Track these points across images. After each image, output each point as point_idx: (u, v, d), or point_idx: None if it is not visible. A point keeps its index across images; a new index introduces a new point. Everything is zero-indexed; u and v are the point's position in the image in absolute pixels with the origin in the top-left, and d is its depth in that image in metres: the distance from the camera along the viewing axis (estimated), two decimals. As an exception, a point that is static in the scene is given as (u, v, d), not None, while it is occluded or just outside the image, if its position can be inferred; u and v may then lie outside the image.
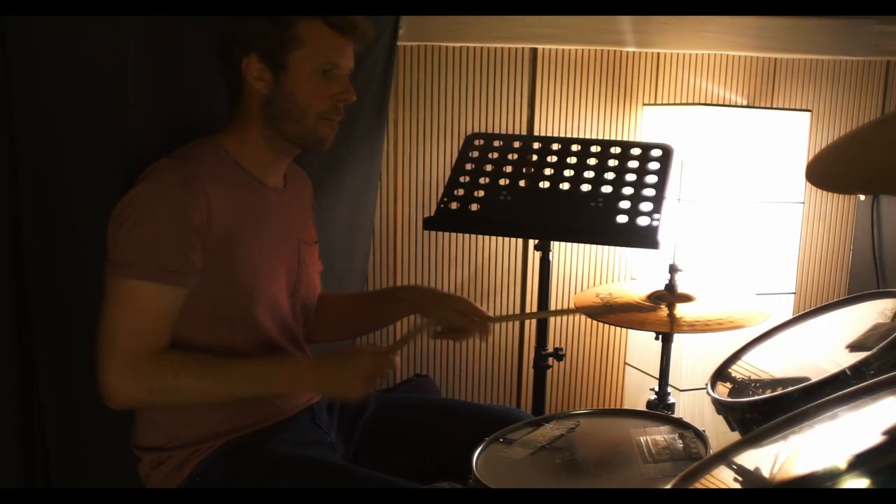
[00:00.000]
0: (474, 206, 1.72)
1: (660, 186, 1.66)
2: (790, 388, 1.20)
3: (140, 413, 1.40)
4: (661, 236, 1.60)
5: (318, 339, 1.62)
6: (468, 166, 1.78)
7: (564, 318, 2.45)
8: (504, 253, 2.35)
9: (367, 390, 1.34)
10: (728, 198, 2.20)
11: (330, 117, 1.41)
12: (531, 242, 1.91)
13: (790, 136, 2.26)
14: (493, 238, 2.34)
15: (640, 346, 2.44)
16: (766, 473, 0.87)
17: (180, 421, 1.36)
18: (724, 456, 0.94)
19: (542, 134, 2.33)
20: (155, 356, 1.27)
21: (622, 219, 1.63)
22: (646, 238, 1.60)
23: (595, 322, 2.47)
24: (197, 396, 1.31)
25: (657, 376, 1.93)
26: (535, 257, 1.77)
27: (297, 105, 1.38)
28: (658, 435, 1.36)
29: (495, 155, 1.79)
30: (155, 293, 1.27)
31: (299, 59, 1.36)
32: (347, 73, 1.42)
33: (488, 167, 1.78)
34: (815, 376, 1.20)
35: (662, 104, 2.39)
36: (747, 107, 2.46)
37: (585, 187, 1.70)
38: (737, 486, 0.89)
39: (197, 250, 1.30)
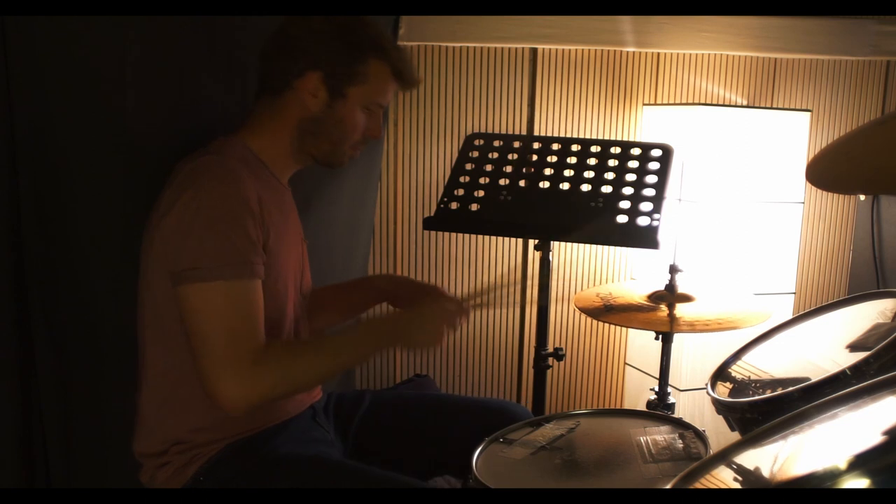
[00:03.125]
0: (474, 206, 1.72)
1: (660, 186, 1.66)
2: (790, 388, 1.20)
3: (141, 422, 1.40)
4: (661, 236, 1.59)
5: None
6: (468, 166, 1.78)
7: (564, 318, 2.45)
8: (504, 253, 2.35)
9: (448, 335, 1.39)
10: (728, 198, 2.20)
11: (358, 148, 1.47)
12: (531, 242, 1.91)
13: (790, 136, 2.26)
14: (493, 238, 2.34)
15: (640, 346, 2.44)
16: (766, 473, 0.87)
17: (183, 427, 1.35)
18: (724, 456, 0.94)
19: (542, 134, 2.33)
20: (266, 351, 1.26)
21: (622, 219, 1.62)
22: (646, 238, 1.60)
23: (595, 322, 2.48)
24: (313, 376, 1.35)
25: (657, 376, 1.93)
26: (535, 257, 1.77)
27: (342, 132, 1.42)
28: (658, 435, 1.36)
29: (495, 155, 1.79)
30: (245, 288, 1.26)
31: (358, 93, 1.40)
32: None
33: (488, 167, 1.78)
34: (815, 376, 1.20)
35: (662, 104, 2.39)
36: (747, 107, 2.46)
37: (585, 187, 1.69)
38: (737, 486, 0.89)
39: (260, 239, 1.31)
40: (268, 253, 1.33)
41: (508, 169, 1.76)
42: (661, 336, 1.86)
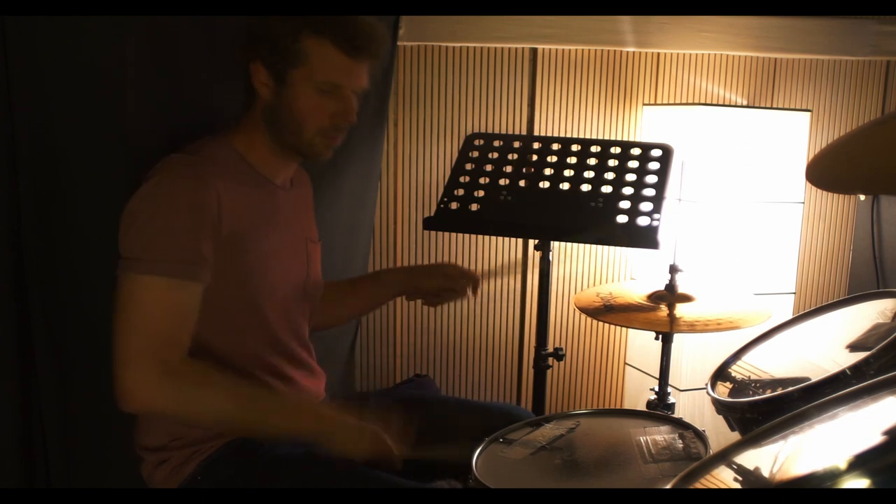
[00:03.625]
0: (474, 206, 1.72)
1: (660, 186, 1.66)
2: (790, 388, 1.20)
3: (142, 416, 1.40)
4: (661, 236, 1.59)
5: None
6: (468, 166, 1.78)
7: (564, 318, 2.45)
8: (504, 253, 2.35)
9: (370, 455, 1.31)
10: (728, 198, 2.20)
11: (329, 135, 1.40)
12: (531, 242, 1.91)
13: (790, 136, 2.26)
14: (493, 238, 2.34)
15: (640, 346, 2.44)
16: (766, 473, 0.87)
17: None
18: (724, 456, 0.94)
19: (542, 134, 2.33)
20: (179, 363, 1.23)
21: (622, 219, 1.62)
22: (646, 238, 1.60)
23: (595, 322, 2.48)
24: (207, 415, 1.27)
25: (657, 376, 1.93)
26: (535, 257, 1.77)
27: (294, 119, 1.38)
28: (658, 435, 1.36)
29: (495, 155, 1.79)
30: (172, 288, 1.24)
31: (299, 76, 1.35)
32: (356, 93, 1.41)
33: (488, 167, 1.78)
34: (815, 376, 1.20)
35: (662, 104, 2.39)
36: (747, 107, 2.46)
37: (585, 187, 1.69)
38: (737, 486, 0.89)
39: (209, 244, 1.29)
40: (236, 253, 1.32)
41: (508, 169, 1.76)
42: (661, 336, 1.86)
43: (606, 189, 1.68)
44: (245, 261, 1.35)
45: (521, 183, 1.73)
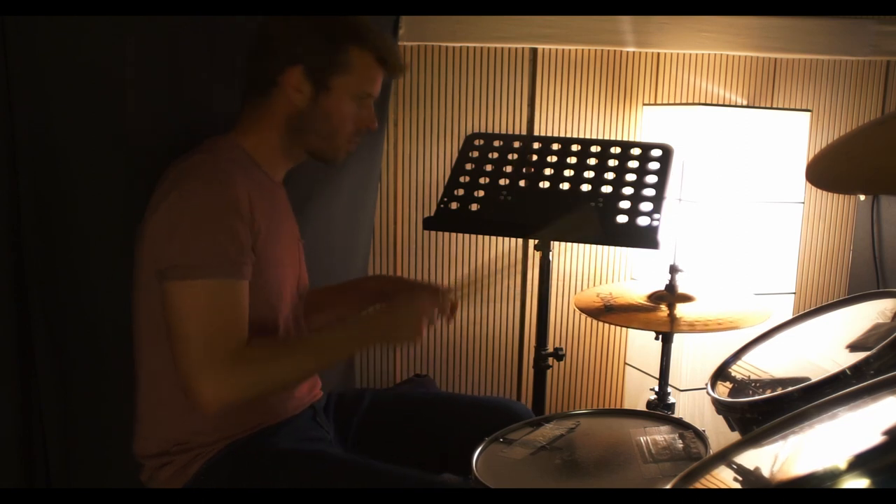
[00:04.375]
0: (474, 206, 1.72)
1: (660, 186, 1.66)
2: (790, 388, 1.20)
3: (140, 424, 1.40)
4: (661, 236, 1.59)
5: None
6: (468, 166, 1.78)
7: (564, 318, 2.45)
8: (504, 253, 2.35)
9: (428, 328, 1.40)
10: (728, 198, 2.20)
11: (352, 140, 1.45)
12: (531, 242, 1.91)
13: (790, 136, 2.26)
14: (493, 238, 2.34)
15: (640, 346, 2.44)
16: (766, 473, 0.87)
17: (182, 428, 1.35)
18: (724, 456, 0.94)
19: (542, 134, 2.33)
20: (246, 350, 1.26)
21: (622, 219, 1.62)
22: (646, 238, 1.60)
23: (595, 322, 2.48)
24: (293, 375, 1.35)
25: (657, 376, 1.93)
26: (535, 257, 1.77)
27: (330, 125, 1.40)
28: (658, 435, 1.36)
29: (495, 155, 1.79)
30: (230, 288, 1.26)
31: (343, 84, 1.38)
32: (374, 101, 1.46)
33: (488, 167, 1.78)
34: (815, 376, 1.20)
35: (662, 104, 2.39)
36: (747, 107, 2.46)
37: (585, 187, 1.69)
38: (737, 486, 0.89)
39: (249, 240, 1.30)
40: (258, 253, 1.32)
41: (508, 169, 1.76)
42: (661, 336, 1.86)
43: (606, 189, 1.68)
44: (267, 260, 1.35)
45: (521, 183, 1.73)
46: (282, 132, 1.40)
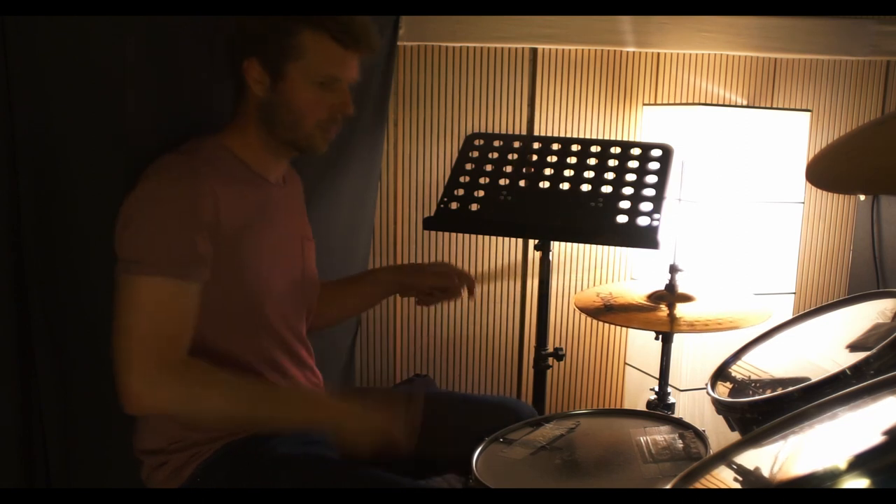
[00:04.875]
0: (474, 206, 1.72)
1: (660, 186, 1.66)
2: (790, 388, 1.20)
3: (141, 419, 1.40)
4: (661, 236, 1.60)
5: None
6: (468, 166, 1.78)
7: (564, 318, 2.45)
8: (504, 253, 2.35)
9: (375, 447, 1.30)
10: (728, 198, 2.20)
11: (326, 128, 1.41)
12: (531, 242, 1.91)
13: (790, 136, 2.26)
14: (493, 238, 2.34)
15: (640, 346, 2.44)
16: (766, 473, 0.87)
17: (182, 425, 1.36)
18: (724, 456, 0.94)
19: (542, 134, 2.33)
20: (182, 363, 1.24)
21: (622, 219, 1.62)
22: (646, 238, 1.60)
23: (595, 322, 2.48)
24: (214, 412, 1.28)
25: (657, 376, 1.94)
26: (535, 257, 1.77)
27: (293, 113, 1.38)
28: (658, 435, 1.36)
29: (495, 155, 1.79)
30: (170, 288, 1.25)
31: (298, 70, 1.35)
32: (350, 84, 1.42)
33: (488, 167, 1.78)
34: (815, 376, 1.20)
35: (662, 104, 2.39)
36: (747, 107, 2.46)
37: (585, 187, 1.70)
38: (737, 486, 0.89)
39: (207, 243, 1.29)
40: (229, 252, 1.32)
41: (508, 169, 1.76)
42: (661, 336, 1.86)
43: (606, 189, 1.68)
44: (243, 259, 1.35)
45: (521, 183, 1.73)
46: (257, 126, 1.41)
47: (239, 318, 1.37)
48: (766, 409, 1.21)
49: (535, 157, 1.77)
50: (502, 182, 1.74)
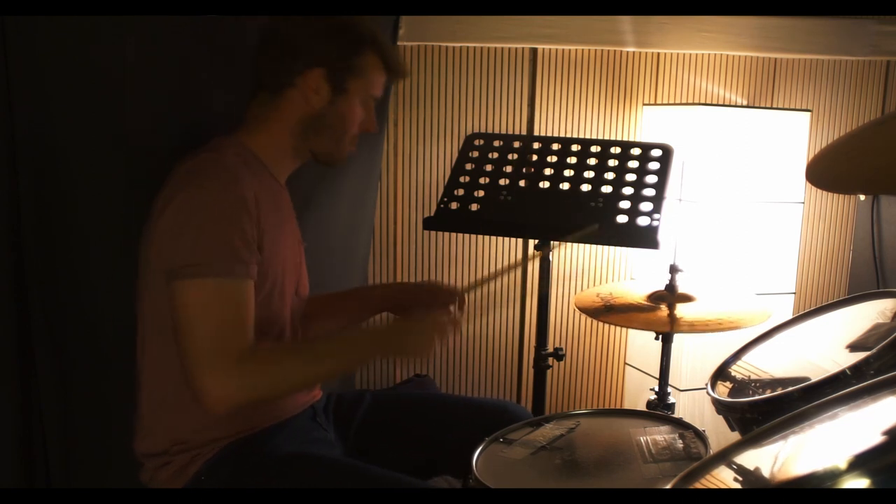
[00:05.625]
0: (474, 206, 1.72)
1: (660, 186, 1.66)
2: (790, 388, 1.20)
3: (140, 422, 1.40)
4: (661, 236, 1.59)
5: None
6: (468, 166, 1.78)
7: (564, 318, 2.45)
8: (504, 253, 2.35)
9: (439, 344, 1.37)
10: (728, 198, 2.20)
11: (354, 142, 1.48)
12: (531, 242, 1.91)
13: (790, 136, 2.26)
14: (493, 238, 2.34)
15: (640, 346, 2.44)
16: (766, 473, 0.87)
17: (183, 427, 1.35)
18: (724, 456, 0.94)
19: (542, 134, 2.33)
20: (253, 352, 1.26)
21: (622, 219, 1.62)
22: (646, 238, 1.60)
23: (595, 322, 2.47)
24: (299, 380, 1.34)
25: (657, 376, 1.93)
26: (535, 257, 1.77)
27: (343, 127, 1.43)
28: (658, 435, 1.36)
29: (495, 155, 1.79)
30: (238, 287, 1.26)
31: (358, 87, 1.41)
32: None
33: (488, 167, 1.78)
34: (815, 376, 1.20)
35: (662, 104, 2.39)
36: (747, 107, 2.46)
37: (585, 187, 1.69)
38: (737, 486, 0.89)
39: (255, 239, 1.30)
40: (262, 253, 1.32)
41: (508, 169, 1.76)
42: (661, 336, 1.86)
43: (606, 189, 1.68)
44: (267, 259, 1.35)
45: (521, 183, 1.73)
46: (294, 133, 1.41)
47: (262, 319, 1.36)
48: (766, 409, 1.21)
49: (535, 157, 1.77)
50: (502, 182, 1.74)
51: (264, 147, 1.41)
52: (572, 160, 1.75)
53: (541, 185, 1.72)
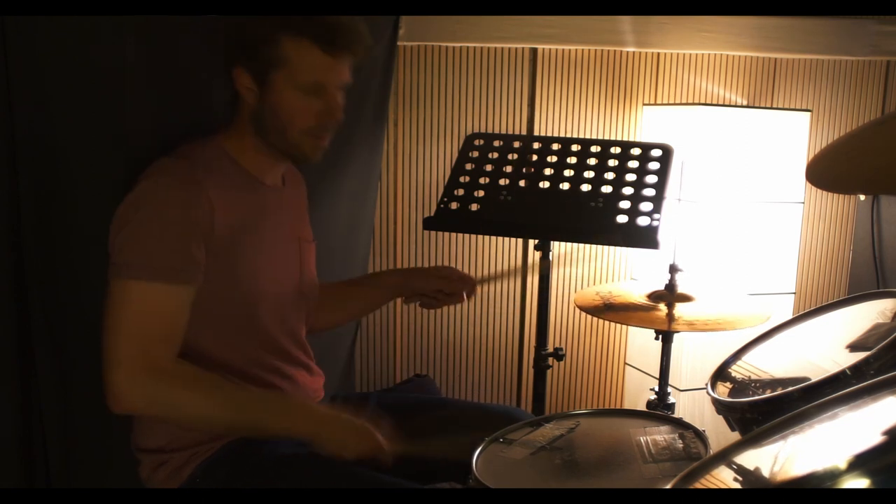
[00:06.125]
0: (474, 206, 1.72)
1: (660, 186, 1.66)
2: (790, 388, 1.20)
3: (139, 419, 1.40)
4: (661, 236, 1.60)
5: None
6: (468, 166, 1.78)
7: (564, 318, 2.45)
8: (504, 253, 2.35)
9: (354, 458, 1.31)
10: (728, 198, 2.20)
11: (317, 135, 1.40)
12: (531, 242, 1.91)
13: (790, 136, 2.26)
14: (493, 238, 2.34)
15: (640, 346, 2.44)
16: (766, 473, 0.87)
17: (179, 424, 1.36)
18: (724, 456, 0.94)
19: (542, 134, 2.33)
20: (169, 366, 1.25)
21: (622, 219, 1.62)
22: (646, 238, 1.60)
23: (595, 322, 2.47)
24: (198, 416, 1.28)
25: (657, 376, 1.93)
26: (535, 257, 1.77)
27: (279, 121, 1.37)
28: (658, 435, 1.36)
29: (495, 155, 1.79)
30: (162, 292, 1.25)
31: (282, 78, 1.34)
32: (340, 90, 1.40)
33: (488, 167, 1.78)
34: (815, 376, 1.20)
35: (662, 104, 2.39)
36: (747, 107, 2.46)
37: (585, 187, 1.70)
38: (737, 486, 0.89)
39: (200, 248, 1.29)
40: (223, 254, 1.32)
41: (508, 169, 1.76)
42: (660, 336, 1.86)
43: (606, 189, 1.68)
44: (237, 262, 1.35)
45: (521, 183, 1.73)
46: (252, 133, 1.41)
47: (233, 321, 1.37)
48: (766, 409, 1.21)
49: (535, 157, 1.77)
50: (502, 182, 1.74)
51: (237, 148, 1.42)
52: (572, 160, 1.75)
53: (541, 185, 1.72)
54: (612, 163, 1.73)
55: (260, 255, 1.40)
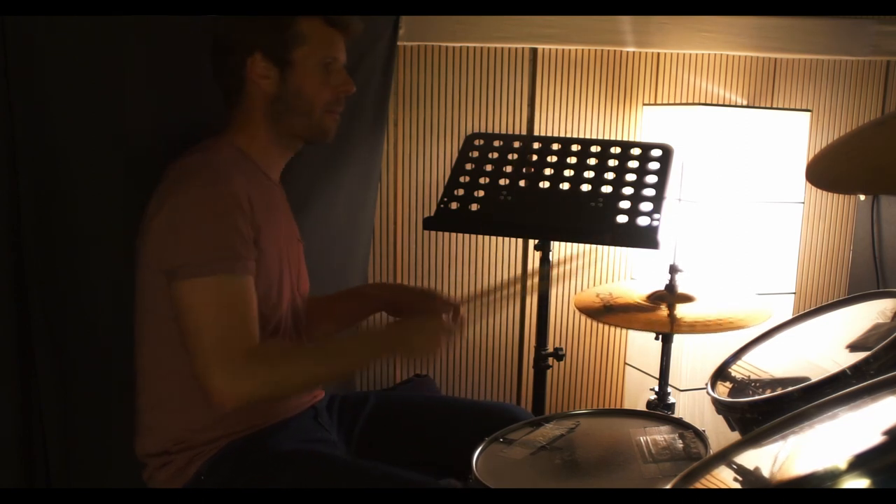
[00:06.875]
0: (474, 206, 1.72)
1: (660, 186, 1.66)
2: (790, 388, 1.20)
3: (141, 423, 1.40)
4: (661, 236, 1.59)
5: None
6: (468, 166, 1.78)
7: (564, 318, 2.45)
8: (504, 253, 2.35)
9: (444, 344, 1.38)
10: (728, 198, 2.20)
11: (333, 109, 1.44)
12: (531, 242, 1.91)
13: (790, 136, 2.26)
14: (493, 238, 2.34)
15: (640, 346, 2.44)
16: (766, 473, 0.87)
17: (183, 426, 1.36)
18: (724, 456, 0.94)
19: (542, 134, 2.33)
20: (259, 349, 1.27)
21: (622, 219, 1.62)
22: (646, 238, 1.60)
23: (595, 322, 2.47)
24: (305, 380, 1.35)
25: (657, 376, 1.93)
26: (535, 257, 1.77)
27: (305, 99, 1.40)
28: (658, 435, 1.36)
29: (495, 155, 1.79)
30: (239, 284, 1.27)
31: (304, 55, 1.39)
32: (343, 66, 1.45)
33: (488, 167, 1.78)
34: (815, 376, 1.21)
35: (662, 104, 2.39)
36: (747, 107, 2.46)
37: (585, 187, 1.70)
38: (737, 486, 0.89)
39: (251, 236, 1.31)
40: (258, 249, 1.33)
41: (508, 169, 1.76)
42: (661, 336, 1.86)
43: (606, 189, 1.68)
44: (263, 256, 1.35)
45: (521, 183, 1.73)
46: (266, 124, 1.41)
47: (259, 317, 1.36)
48: (766, 409, 1.21)
49: (535, 157, 1.77)
50: (502, 182, 1.74)
51: (249, 144, 1.42)
52: (572, 160, 1.75)
53: (541, 185, 1.72)
54: (612, 163, 1.73)
55: (277, 250, 1.41)
